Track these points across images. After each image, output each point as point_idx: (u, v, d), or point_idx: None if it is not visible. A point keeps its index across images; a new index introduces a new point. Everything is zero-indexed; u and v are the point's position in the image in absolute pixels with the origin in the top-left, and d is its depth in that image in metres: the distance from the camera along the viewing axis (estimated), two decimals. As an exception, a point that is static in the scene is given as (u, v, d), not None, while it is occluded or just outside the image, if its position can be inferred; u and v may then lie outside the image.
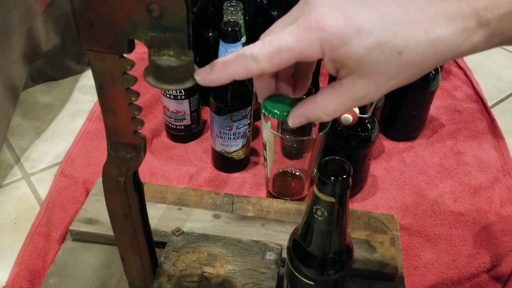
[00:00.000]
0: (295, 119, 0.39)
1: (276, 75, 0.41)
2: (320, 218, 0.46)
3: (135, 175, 0.48)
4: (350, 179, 0.44)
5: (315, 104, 0.37)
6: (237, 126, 0.77)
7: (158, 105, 0.97)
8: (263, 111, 0.41)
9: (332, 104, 0.37)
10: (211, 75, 0.37)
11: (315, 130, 0.72)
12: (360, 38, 0.32)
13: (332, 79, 0.94)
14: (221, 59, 0.37)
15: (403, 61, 0.33)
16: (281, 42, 0.34)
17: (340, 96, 0.36)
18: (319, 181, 0.44)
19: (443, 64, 1.07)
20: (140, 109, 0.41)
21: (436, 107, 0.98)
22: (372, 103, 0.71)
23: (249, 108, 0.77)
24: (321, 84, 0.84)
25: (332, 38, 0.33)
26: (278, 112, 0.40)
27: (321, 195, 0.44)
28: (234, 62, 0.36)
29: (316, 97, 0.37)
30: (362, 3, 0.33)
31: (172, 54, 0.34)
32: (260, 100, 0.42)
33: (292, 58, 0.34)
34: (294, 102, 0.40)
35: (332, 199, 0.44)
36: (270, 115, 0.40)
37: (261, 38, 0.37)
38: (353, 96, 0.36)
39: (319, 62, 0.42)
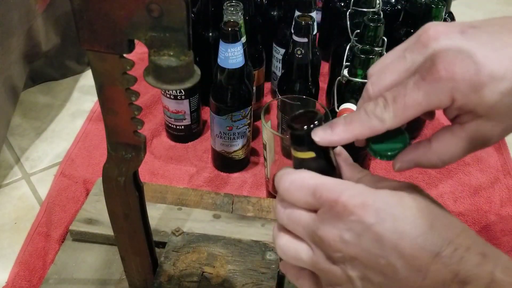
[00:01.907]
0: (403, 165, 0.36)
1: None
2: None
3: (135, 175, 0.48)
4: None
5: (430, 150, 0.35)
6: (237, 126, 0.77)
7: (158, 105, 0.97)
8: (371, 153, 0.37)
9: (451, 150, 0.35)
10: (333, 136, 0.36)
11: (315, 130, 0.72)
12: (493, 84, 0.31)
13: (332, 79, 0.94)
14: (341, 120, 0.36)
15: None
16: (407, 99, 0.33)
17: (462, 141, 0.34)
18: (292, 138, 0.37)
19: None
20: (140, 109, 0.41)
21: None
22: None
23: (249, 108, 0.77)
24: (321, 84, 0.84)
25: (463, 86, 0.31)
26: (389, 154, 0.36)
27: (298, 154, 0.37)
28: (357, 123, 0.35)
29: (431, 143, 0.35)
30: (487, 45, 0.32)
31: (172, 54, 0.34)
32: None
33: (419, 111, 0.33)
34: (403, 138, 0.36)
35: (312, 154, 0.37)
36: (379, 157, 0.36)
37: (379, 93, 0.35)
38: (476, 141, 0.34)
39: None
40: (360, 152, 0.75)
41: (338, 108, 0.70)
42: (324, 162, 0.38)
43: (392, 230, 0.32)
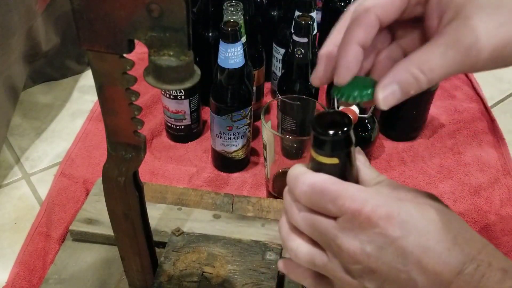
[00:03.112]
0: (385, 90, 0.32)
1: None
2: None
3: (135, 175, 0.48)
4: (352, 132, 0.35)
5: (409, 61, 0.31)
6: (237, 126, 0.77)
7: (158, 105, 0.97)
8: (337, 97, 0.35)
9: (432, 58, 0.31)
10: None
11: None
12: None
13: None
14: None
15: None
16: None
17: (441, 47, 0.31)
18: (316, 141, 0.35)
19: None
20: (140, 109, 0.41)
21: (436, 107, 0.98)
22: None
23: (249, 108, 0.77)
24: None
25: None
26: (358, 93, 0.33)
27: (321, 158, 0.35)
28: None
29: (410, 55, 0.32)
30: None
31: (172, 54, 0.34)
32: (341, 81, 0.35)
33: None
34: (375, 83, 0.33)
35: (336, 160, 0.35)
36: (350, 99, 0.34)
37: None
38: (458, 45, 0.30)
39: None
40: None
41: (338, 108, 0.70)
42: (346, 168, 0.36)
43: (416, 244, 0.31)
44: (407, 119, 0.90)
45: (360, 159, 0.37)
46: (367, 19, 0.34)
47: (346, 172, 0.36)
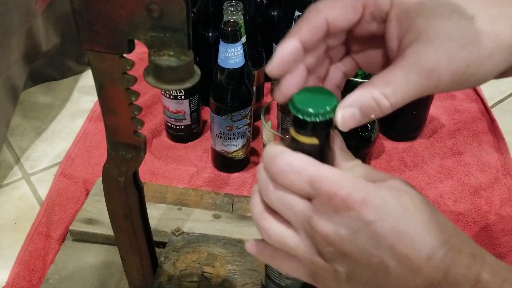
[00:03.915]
0: (346, 112, 0.32)
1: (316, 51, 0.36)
2: None
3: (135, 175, 0.48)
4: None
5: (371, 84, 0.31)
6: (237, 126, 0.77)
7: (158, 105, 0.97)
8: (292, 111, 0.33)
9: (394, 81, 0.31)
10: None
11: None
12: None
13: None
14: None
15: (476, 28, 0.30)
16: None
17: (403, 70, 0.31)
18: (294, 120, 0.34)
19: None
20: (140, 109, 0.41)
21: (436, 107, 0.98)
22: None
23: (249, 108, 0.77)
24: (321, 84, 0.84)
25: None
26: (315, 111, 0.32)
27: (300, 138, 0.34)
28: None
29: (372, 79, 0.32)
30: None
31: (172, 54, 0.34)
32: (281, 99, 0.35)
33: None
34: (332, 96, 0.33)
35: (315, 141, 0.34)
36: (304, 116, 0.33)
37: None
38: (419, 68, 0.30)
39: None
40: (360, 152, 0.75)
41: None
42: (324, 149, 0.35)
43: (390, 229, 0.31)
44: (407, 119, 0.90)
45: (336, 141, 0.37)
46: (315, 18, 0.34)
47: (324, 153, 0.35)
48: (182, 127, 0.87)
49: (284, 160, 0.34)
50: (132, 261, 0.56)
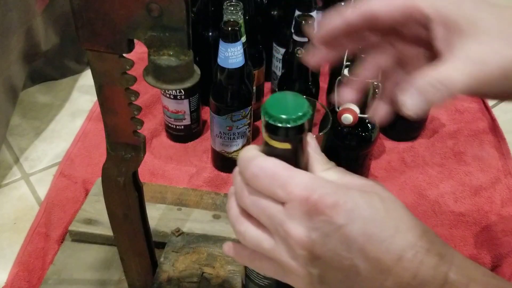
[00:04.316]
0: (413, 98, 0.34)
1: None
2: None
3: (135, 175, 0.48)
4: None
5: (427, 76, 0.33)
6: (237, 126, 0.77)
7: (158, 105, 0.96)
8: (264, 116, 0.34)
9: (448, 69, 0.33)
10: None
11: (315, 130, 0.72)
12: None
13: (332, 79, 0.94)
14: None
15: None
16: None
17: (454, 62, 0.33)
18: (267, 126, 0.34)
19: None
20: (139, 109, 0.41)
21: (437, 107, 0.98)
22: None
23: (249, 108, 0.77)
24: (321, 84, 0.84)
25: None
26: (287, 117, 0.32)
27: (273, 142, 0.35)
28: None
29: (427, 70, 0.33)
30: None
31: (171, 53, 0.34)
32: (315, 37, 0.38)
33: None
34: (304, 101, 0.33)
35: (288, 146, 0.35)
36: (276, 122, 0.33)
37: None
38: (469, 60, 0.33)
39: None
40: (360, 152, 0.74)
41: (338, 108, 0.70)
42: (298, 153, 0.36)
43: (360, 232, 0.32)
44: (407, 119, 0.89)
45: (311, 144, 0.38)
46: (361, 6, 0.38)
47: (297, 158, 0.36)
48: (182, 127, 0.87)
49: (258, 164, 0.34)
50: (131, 262, 0.56)
